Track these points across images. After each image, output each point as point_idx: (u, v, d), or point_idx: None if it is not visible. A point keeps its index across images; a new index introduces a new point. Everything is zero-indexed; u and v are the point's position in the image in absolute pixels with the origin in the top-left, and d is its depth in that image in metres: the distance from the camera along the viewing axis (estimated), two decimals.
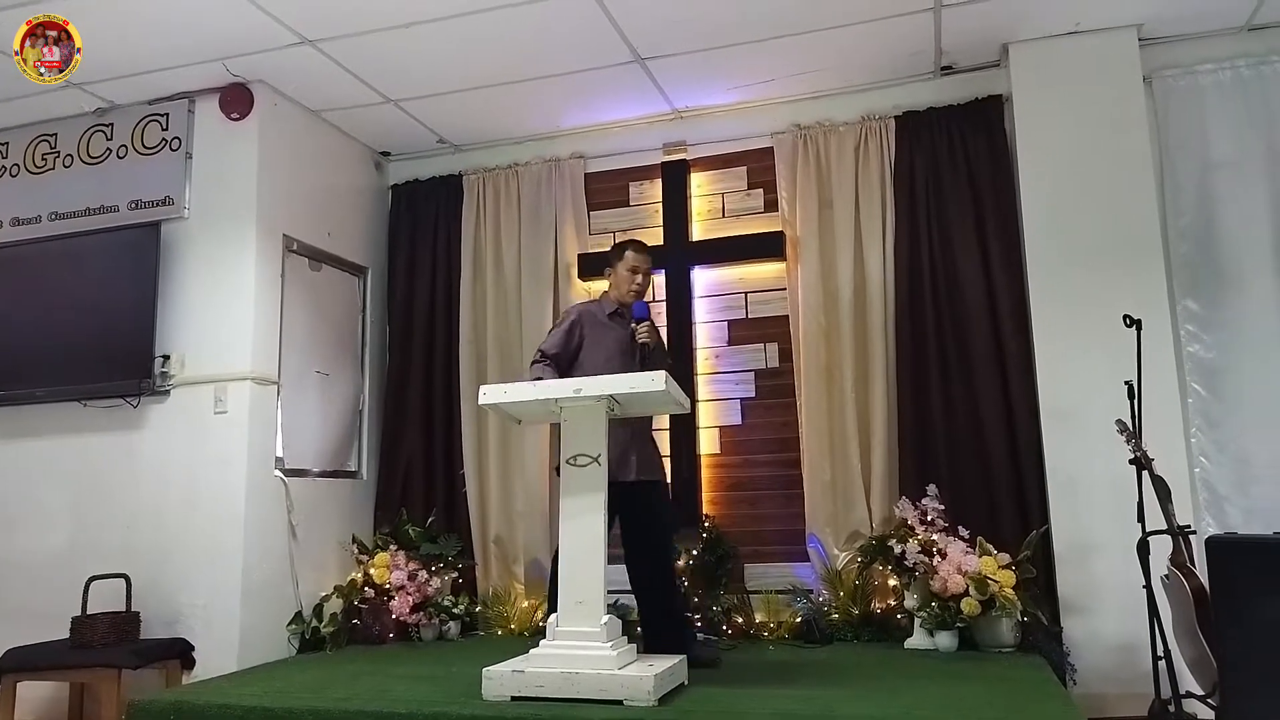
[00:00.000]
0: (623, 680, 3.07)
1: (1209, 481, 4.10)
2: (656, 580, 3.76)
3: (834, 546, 4.46)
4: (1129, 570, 3.51)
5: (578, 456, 3.33)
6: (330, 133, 5.07)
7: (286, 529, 4.48)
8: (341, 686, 3.52)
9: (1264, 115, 4.23)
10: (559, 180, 5.17)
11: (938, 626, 3.94)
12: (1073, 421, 4.08)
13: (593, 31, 4.16)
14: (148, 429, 4.41)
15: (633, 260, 3.91)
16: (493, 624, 4.79)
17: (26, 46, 3.66)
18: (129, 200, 4.60)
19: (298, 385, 4.66)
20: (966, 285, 4.44)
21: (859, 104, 4.77)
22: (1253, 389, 4.09)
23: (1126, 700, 3.73)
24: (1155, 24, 4.26)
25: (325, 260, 4.98)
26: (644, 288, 3.92)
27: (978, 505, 4.26)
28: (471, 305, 5.18)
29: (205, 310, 4.43)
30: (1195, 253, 4.23)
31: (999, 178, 4.47)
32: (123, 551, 4.26)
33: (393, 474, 5.14)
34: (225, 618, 4.14)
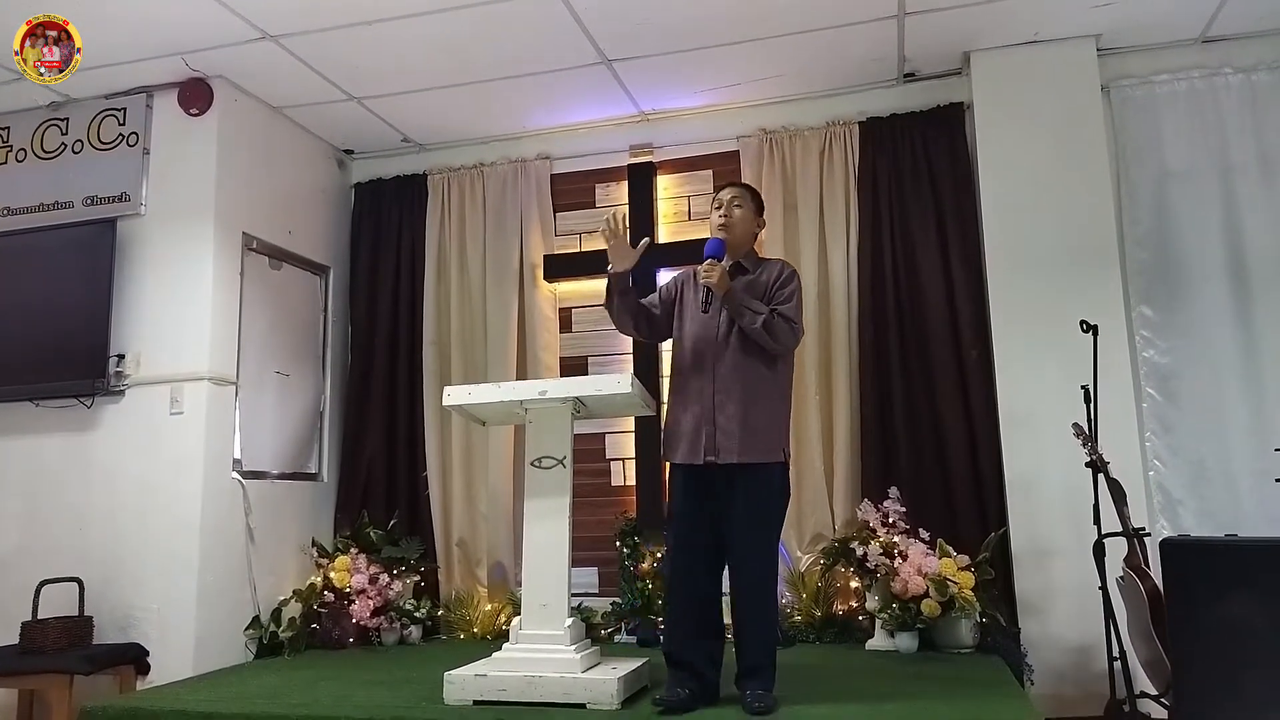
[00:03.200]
0: (586, 684, 3.07)
1: (1163, 485, 4.18)
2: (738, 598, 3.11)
3: (797, 549, 4.48)
4: (1085, 572, 3.57)
5: (543, 459, 3.32)
6: (292, 130, 5.00)
7: (244, 532, 4.41)
8: (300, 692, 3.47)
9: (1216, 126, 4.32)
10: (525, 181, 5.15)
11: (898, 628, 3.97)
12: (1030, 425, 4.14)
13: (559, 32, 4.15)
14: (102, 430, 4.32)
15: (715, 197, 3.38)
16: (455, 628, 4.75)
17: (26, 46, 3.62)
18: (84, 196, 4.50)
19: (256, 386, 4.59)
20: (928, 290, 4.49)
21: (824, 109, 4.80)
22: (1206, 394, 4.18)
23: (1083, 700, 3.79)
24: (1113, 34, 4.34)
25: (286, 259, 4.91)
26: (728, 219, 3.27)
27: (938, 507, 4.30)
28: (435, 306, 5.14)
29: (162, 309, 4.34)
30: (1150, 260, 4.32)
31: (960, 184, 4.53)
32: (75, 555, 4.17)
33: (354, 476, 5.09)
34: (181, 622, 4.06)
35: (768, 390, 3.13)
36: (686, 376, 3.21)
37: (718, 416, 3.08)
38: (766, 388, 3.13)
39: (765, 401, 3.11)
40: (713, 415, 3.09)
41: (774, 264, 3.34)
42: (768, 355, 3.13)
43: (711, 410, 3.09)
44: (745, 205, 3.32)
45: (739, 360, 3.11)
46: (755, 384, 3.11)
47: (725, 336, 3.14)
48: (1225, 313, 4.20)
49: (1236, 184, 4.26)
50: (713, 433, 3.07)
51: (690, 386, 3.18)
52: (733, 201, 3.30)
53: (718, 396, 3.09)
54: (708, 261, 3.12)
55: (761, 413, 3.09)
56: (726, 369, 3.11)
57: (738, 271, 3.26)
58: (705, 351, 3.16)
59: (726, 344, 3.14)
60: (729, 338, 3.14)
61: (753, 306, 3.10)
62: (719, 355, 3.14)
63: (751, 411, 3.07)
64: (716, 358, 3.14)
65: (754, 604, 3.06)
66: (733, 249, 3.26)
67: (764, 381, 3.13)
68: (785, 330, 3.10)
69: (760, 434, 3.07)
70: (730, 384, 3.09)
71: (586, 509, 4.51)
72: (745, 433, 3.05)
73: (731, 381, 3.09)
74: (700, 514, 3.12)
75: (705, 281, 3.13)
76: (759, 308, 3.10)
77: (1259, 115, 4.28)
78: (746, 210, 3.31)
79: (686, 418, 3.15)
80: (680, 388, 3.24)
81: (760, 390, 3.11)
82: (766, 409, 3.11)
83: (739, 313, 3.10)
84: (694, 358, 3.19)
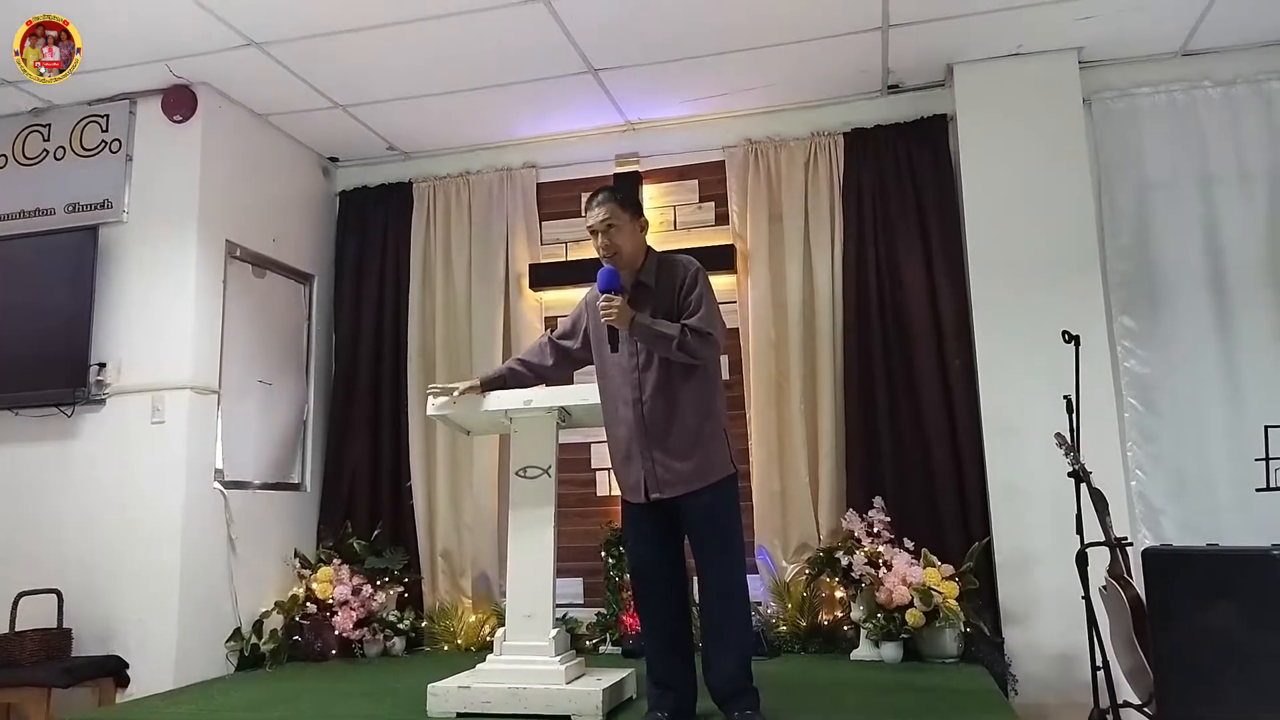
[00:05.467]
0: (570, 695, 3.05)
1: (1144, 494, 4.21)
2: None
3: (782, 558, 4.48)
4: (1068, 581, 3.58)
5: (528, 468, 3.31)
6: (276, 137, 4.99)
7: (226, 543, 4.37)
8: (282, 705, 3.44)
9: (1196, 138, 4.37)
10: (511, 190, 5.15)
11: (883, 637, 3.98)
12: (1013, 435, 4.16)
13: (546, 41, 4.15)
14: (82, 439, 4.28)
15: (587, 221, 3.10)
16: (439, 639, 4.72)
17: (26, 46, 3.62)
18: (66, 203, 4.47)
19: (239, 395, 4.56)
20: (912, 300, 4.51)
21: (809, 120, 4.83)
22: (1186, 404, 4.21)
23: (1066, 710, 3.80)
24: (1095, 48, 4.38)
25: (269, 267, 4.88)
26: (609, 247, 3.02)
27: (922, 517, 4.31)
28: (420, 314, 5.13)
29: (144, 317, 4.31)
30: (1132, 271, 4.35)
31: (944, 195, 4.55)
32: (54, 566, 4.12)
33: (337, 486, 5.05)
34: (161, 634, 4.02)
35: (699, 408, 2.96)
36: (614, 408, 3.06)
37: (654, 452, 2.93)
38: (697, 405, 2.96)
39: (699, 421, 2.95)
40: (649, 450, 2.94)
41: (677, 266, 3.08)
42: (689, 370, 2.97)
43: (647, 446, 2.94)
44: (619, 220, 3.03)
45: (662, 384, 2.95)
46: (685, 406, 2.95)
47: (645, 365, 2.98)
48: (1206, 324, 4.24)
49: (1216, 196, 4.31)
50: (652, 469, 2.94)
51: (620, 420, 3.03)
52: (605, 227, 3.01)
53: (651, 430, 2.94)
54: (604, 298, 2.92)
55: (698, 434, 2.94)
56: (651, 398, 2.95)
57: (640, 291, 3.04)
58: (629, 384, 3.00)
59: (647, 372, 2.98)
60: (650, 365, 2.98)
61: (664, 331, 2.90)
62: (642, 386, 2.98)
63: (689, 439, 2.92)
64: (640, 389, 2.98)
65: (724, 625, 2.94)
66: (628, 267, 3.05)
67: (694, 399, 2.96)
68: (701, 344, 2.92)
69: (702, 457, 2.93)
70: (660, 414, 2.94)
71: (571, 519, 4.52)
72: (687, 465, 2.91)
73: (660, 411, 2.94)
74: (654, 545, 3.02)
75: (607, 320, 2.93)
76: (669, 330, 2.90)
77: (1238, 128, 4.33)
78: (622, 225, 3.03)
79: (622, 454, 3.02)
80: (611, 422, 3.09)
81: (691, 411, 2.95)
82: (704, 428, 2.96)
83: (651, 344, 2.94)
84: (617, 390, 3.05)
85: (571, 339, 3.28)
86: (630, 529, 3.12)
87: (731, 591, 2.96)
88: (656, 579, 3.04)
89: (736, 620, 2.98)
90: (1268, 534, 3.05)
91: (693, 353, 2.92)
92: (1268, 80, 4.33)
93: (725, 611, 2.95)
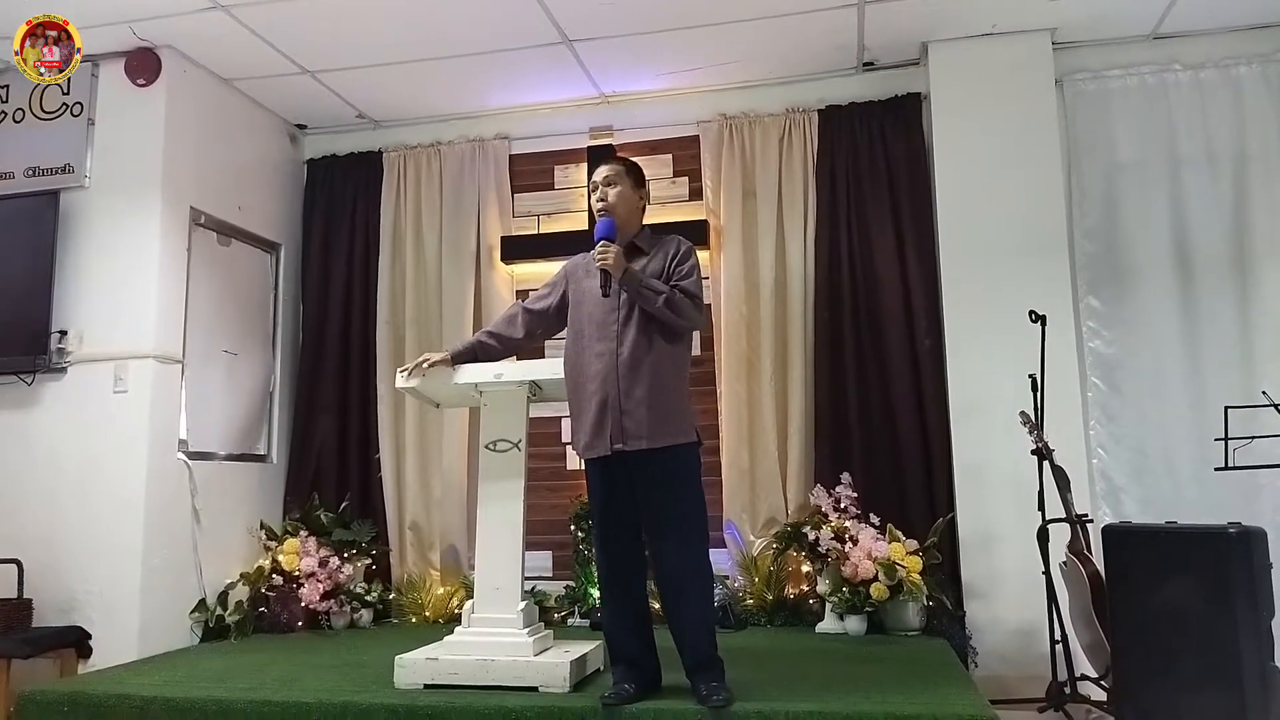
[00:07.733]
0: (538, 667, 3.07)
1: (1106, 472, 4.28)
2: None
3: (750, 533, 4.52)
4: (1029, 557, 3.66)
5: (498, 442, 3.30)
6: (243, 102, 4.89)
7: (190, 514, 4.32)
8: (247, 676, 3.42)
9: (1165, 121, 4.41)
10: (483, 160, 5.09)
11: (848, 611, 4.03)
12: (979, 413, 4.21)
13: (520, 9, 4.09)
14: (43, 408, 4.20)
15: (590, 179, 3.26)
16: (407, 611, 4.72)
17: (26, 46, 3.57)
18: (25, 167, 4.37)
19: (203, 364, 4.49)
20: (883, 278, 4.53)
21: (784, 96, 4.81)
22: (1149, 384, 4.28)
23: (1025, 682, 3.87)
24: (1068, 29, 4.40)
25: (235, 235, 4.80)
26: (605, 202, 3.13)
27: (889, 493, 4.36)
28: (390, 285, 5.07)
29: (106, 284, 4.23)
30: (1099, 251, 4.40)
31: (916, 173, 4.57)
32: (14, 536, 4.06)
33: (304, 458, 5.01)
34: (124, 605, 3.98)
35: (672, 371, 3.02)
36: (587, 363, 3.06)
37: (624, 401, 2.94)
38: (671, 369, 3.02)
39: (672, 382, 3.01)
40: (619, 400, 2.94)
41: (669, 241, 3.18)
42: (669, 334, 3.02)
43: (618, 396, 2.95)
44: (622, 182, 3.14)
45: (641, 341, 2.98)
46: (660, 365, 2.98)
47: (626, 319, 3.01)
48: (1170, 305, 4.30)
49: (1184, 178, 4.35)
50: (619, 418, 2.94)
51: (590, 372, 3.03)
52: (606, 182, 3.14)
53: (622, 382, 2.95)
54: (600, 243, 2.97)
55: (669, 394, 2.98)
56: (629, 353, 2.98)
57: (633, 253, 3.10)
58: (606, 336, 3.03)
59: (628, 326, 3.00)
60: (630, 320, 3.01)
61: (653, 286, 2.98)
62: (620, 339, 3.00)
63: (659, 394, 2.95)
64: (619, 342, 3.00)
65: (690, 594, 2.96)
66: (622, 230, 3.10)
67: (668, 362, 3.01)
68: (689, 306, 3.00)
69: (670, 416, 2.96)
70: (634, 367, 2.96)
71: (541, 492, 4.52)
72: (654, 417, 2.93)
73: (636, 365, 2.96)
74: (620, 508, 3.01)
75: (601, 264, 2.95)
76: (659, 287, 2.98)
77: (1206, 111, 4.37)
78: (624, 187, 3.14)
79: (590, 406, 3.01)
80: (579, 377, 3.08)
81: (666, 371, 2.99)
82: (675, 390, 3.02)
83: (639, 294, 2.97)
84: (594, 343, 3.05)
85: (547, 299, 3.30)
86: (596, 492, 3.08)
87: (697, 560, 2.99)
88: (624, 540, 3.04)
89: (703, 588, 3.02)
90: (1226, 513, 3.11)
91: (680, 312, 2.99)
92: (1235, 65, 4.37)
93: (693, 580, 2.97)
